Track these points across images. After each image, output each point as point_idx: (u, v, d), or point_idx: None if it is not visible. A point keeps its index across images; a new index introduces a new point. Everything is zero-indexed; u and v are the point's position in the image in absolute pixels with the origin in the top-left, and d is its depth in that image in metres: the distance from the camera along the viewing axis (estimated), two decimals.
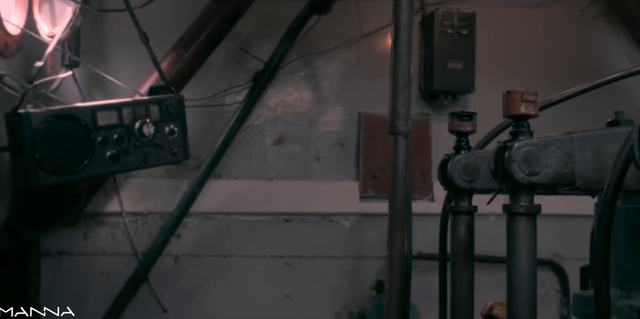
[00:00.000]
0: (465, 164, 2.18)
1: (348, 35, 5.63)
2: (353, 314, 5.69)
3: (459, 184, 2.20)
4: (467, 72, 5.54)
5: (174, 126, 4.40)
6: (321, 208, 5.80)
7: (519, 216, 1.83)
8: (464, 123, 2.23)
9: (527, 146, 1.77)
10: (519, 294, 1.82)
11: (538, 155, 1.76)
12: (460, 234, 2.27)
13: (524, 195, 1.82)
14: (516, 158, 1.76)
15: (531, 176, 1.76)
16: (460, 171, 2.19)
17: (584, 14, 5.92)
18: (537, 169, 1.76)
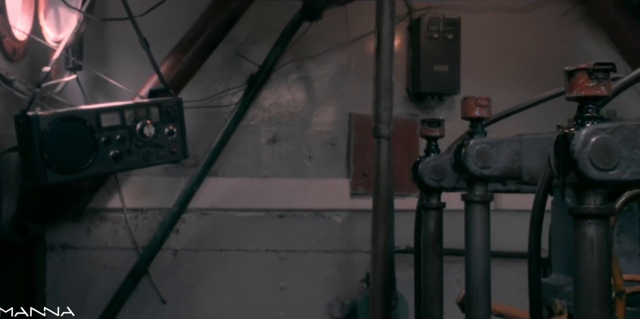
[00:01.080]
0: (434, 165, 2.43)
1: (338, 39, 5.81)
2: (344, 305, 5.85)
3: (428, 183, 2.45)
4: (452, 75, 5.72)
5: (173, 126, 4.56)
6: (314, 204, 5.94)
7: (474, 204, 2.10)
8: (433, 129, 2.48)
9: (480, 144, 2.03)
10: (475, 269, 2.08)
11: (490, 152, 2.02)
12: (430, 228, 2.51)
13: (478, 185, 2.09)
14: (471, 154, 2.02)
15: (483, 169, 2.02)
16: (430, 172, 2.44)
17: (565, 18, 6.10)
18: (489, 164, 2.02)
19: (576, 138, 1.40)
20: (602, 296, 1.45)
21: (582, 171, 1.39)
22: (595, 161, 1.39)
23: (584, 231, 1.45)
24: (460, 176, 2.08)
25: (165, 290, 5.78)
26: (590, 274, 1.44)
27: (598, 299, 1.42)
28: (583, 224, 1.45)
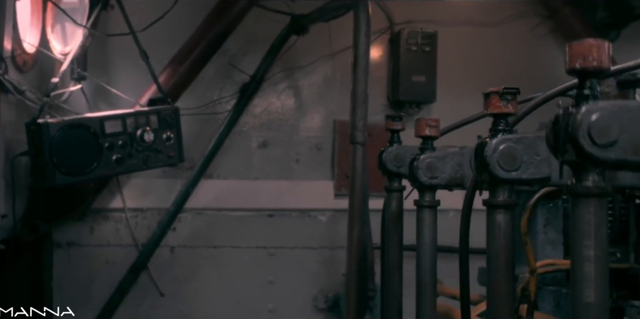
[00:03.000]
0: (395, 154, 2.88)
1: (323, 52, 6.03)
2: (328, 298, 6.05)
3: (391, 169, 2.88)
4: (429, 84, 5.98)
5: (170, 133, 4.88)
6: (300, 204, 6.12)
7: (424, 208, 2.52)
8: (396, 123, 2.88)
9: (429, 158, 2.45)
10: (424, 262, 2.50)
11: (437, 164, 2.44)
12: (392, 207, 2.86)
13: (427, 193, 2.51)
14: (421, 167, 2.43)
15: (432, 179, 2.44)
16: (392, 159, 2.88)
17: (534, 32, 6.33)
18: (436, 175, 2.44)
19: (488, 146, 1.81)
20: (507, 267, 1.84)
21: (492, 171, 1.80)
22: (502, 164, 1.79)
23: (494, 218, 1.85)
24: (413, 185, 2.49)
25: (163, 284, 5.92)
26: (498, 251, 1.83)
27: (504, 268, 1.82)
28: (494, 212, 1.85)
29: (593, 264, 1.35)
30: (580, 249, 1.37)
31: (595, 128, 1.35)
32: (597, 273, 1.35)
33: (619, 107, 1.37)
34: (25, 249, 5.14)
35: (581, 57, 1.42)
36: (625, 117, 1.36)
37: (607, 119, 1.35)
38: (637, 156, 1.35)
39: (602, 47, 1.40)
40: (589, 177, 1.38)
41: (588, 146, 1.34)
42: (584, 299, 1.36)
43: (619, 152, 1.34)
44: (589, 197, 1.37)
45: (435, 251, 2.49)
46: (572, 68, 1.42)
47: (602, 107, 1.37)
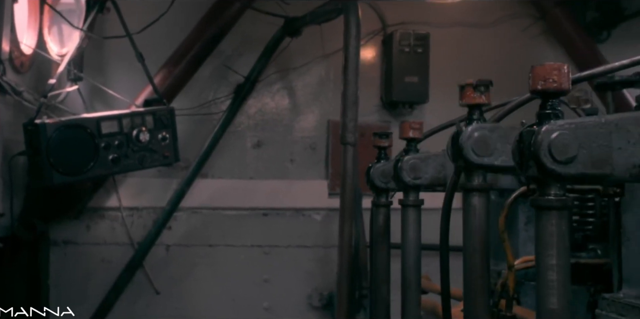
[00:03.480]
0: (382, 170, 2.92)
1: (317, 53, 6.11)
2: (322, 296, 6.11)
3: (378, 185, 2.92)
4: (422, 85, 6.05)
5: (166, 133, 4.96)
6: (295, 204, 6.19)
7: (408, 207, 2.60)
8: (383, 140, 2.96)
9: (413, 159, 2.52)
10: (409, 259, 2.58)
11: (420, 165, 2.51)
12: (379, 222, 2.96)
13: (411, 193, 2.58)
14: (405, 168, 2.51)
15: (415, 179, 2.52)
16: (379, 175, 2.92)
17: (526, 33, 6.41)
18: (420, 175, 2.51)
19: (464, 133, 1.90)
20: (482, 248, 1.94)
21: (466, 157, 1.88)
22: (476, 150, 1.88)
23: (469, 201, 1.95)
24: (397, 185, 2.57)
25: (158, 282, 5.97)
26: (474, 233, 1.93)
27: (479, 250, 1.91)
28: (469, 196, 1.96)
29: (556, 273, 1.43)
30: (544, 258, 1.45)
31: (556, 146, 1.44)
32: (560, 281, 1.44)
33: (577, 125, 1.46)
34: (23, 247, 5.19)
35: (542, 79, 1.50)
36: (582, 134, 1.45)
37: (566, 136, 1.44)
38: (596, 169, 1.44)
39: (562, 69, 1.50)
40: (551, 192, 1.46)
41: (549, 163, 1.43)
42: (548, 306, 1.45)
43: (578, 167, 1.43)
44: (551, 210, 1.45)
45: (419, 248, 2.57)
46: (534, 89, 1.51)
47: (561, 125, 1.46)
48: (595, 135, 1.45)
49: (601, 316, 2.05)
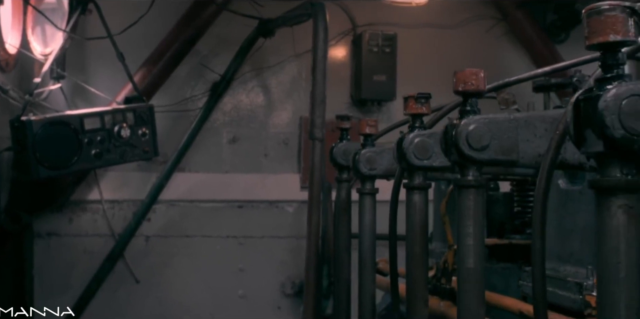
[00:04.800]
0: (344, 149, 3.17)
1: (290, 53, 6.30)
2: (295, 284, 6.29)
3: (340, 162, 3.17)
4: (389, 84, 6.29)
5: (145, 129, 5.11)
6: (269, 196, 6.34)
7: (365, 195, 2.89)
8: (344, 122, 3.24)
9: (369, 153, 2.81)
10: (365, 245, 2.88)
11: (376, 158, 2.81)
12: (342, 196, 3.21)
13: (367, 182, 2.88)
14: (362, 160, 2.80)
15: (371, 170, 2.81)
16: (341, 154, 3.19)
17: (490, 34, 6.65)
18: (375, 167, 2.81)
19: (406, 139, 2.20)
20: (422, 238, 2.23)
21: (408, 160, 2.18)
22: (416, 154, 2.17)
23: (411, 198, 2.24)
24: (355, 175, 2.87)
25: (138, 271, 6.10)
26: (415, 226, 2.22)
27: (419, 239, 2.21)
28: (411, 194, 2.24)
29: (472, 239, 1.74)
30: (463, 228, 1.76)
31: (472, 136, 1.74)
32: (475, 245, 1.75)
33: (490, 120, 1.76)
34: (9, 239, 5.35)
35: (463, 82, 1.81)
36: (494, 128, 1.75)
37: (480, 129, 1.74)
38: (505, 156, 1.75)
39: (479, 74, 1.81)
40: (469, 173, 1.77)
41: (467, 150, 1.74)
42: (466, 265, 1.76)
43: (490, 154, 1.74)
44: (469, 188, 1.76)
45: (374, 231, 2.87)
46: (457, 91, 1.82)
47: (477, 120, 1.76)
48: (505, 129, 1.76)
49: (522, 285, 2.37)
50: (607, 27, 1.23)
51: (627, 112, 1.18)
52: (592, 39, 1.25)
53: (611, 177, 1.21)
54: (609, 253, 1.20)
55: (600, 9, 1.24)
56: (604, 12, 1.23)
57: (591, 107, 1.20)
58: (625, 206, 1.19)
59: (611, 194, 1.20)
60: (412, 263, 2.19)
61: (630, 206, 1.19)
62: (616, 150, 1.19)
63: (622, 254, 1.20)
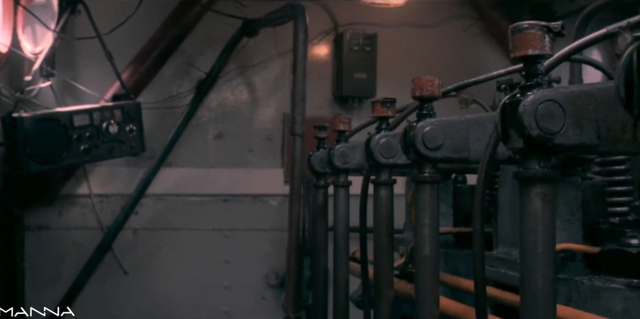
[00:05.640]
0: (321, 157, 3.37)
1: (273, 52, 6.47)
2: (279, 275, 6.40)
3: (317, 170, 3.36)
4: (370, 81, 6.49)
5: (133, 125, 5.27)
6: (253, 190, 6.47)
7: (339, 188, 3.10)
8: (321, 132, 3.45)
9: (343, 148, 3.02)
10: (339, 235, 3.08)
11: (349, 152, 3.01)
12: (319, 201, 3.42)
13: (341, 175, 3.09)
14: (336, 154, 3.00)
15: (344, 164, 3.01)
16: (318, 162, 3.38)
17: (468, 32, 6.84)
18: (348, 161, 3.01)
19: (373, 140, 2.40)
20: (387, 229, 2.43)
21: (375, 159, 2.38)
22: (382, 153, 2.37)
23: (378, 193, 2.43)
24: (330, 168, 3.07)
25: (126, 263, 6.22)
26: (381, 217, 2.42)
27: (385, 231, 2.42)
28: (378, 189, 2.44)
29: (428, 229, 1.96)
30: (420, 219, 1.97)
31: (427, 137, 1.95)
32: (430, 235, 1.96)
33: (443, 122, 1.98)
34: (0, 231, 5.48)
35: (420, 88, 2.04)
36: (447, 129, 1.97)
37: (435, 130, 1.96)
38: (457, 154, 1.96)
39: (434, 82, 2.04)
40: (425, 170, 1.98)
41: (423, 149, 1.96)
42: (422, 253, 1.97)
43: (444, 153, 1.96)
44: (425, 183, 1.97)
45: (348, 220, 3.07)
46: (414, 96, 2.05)
47: (432, 122, 1.98)
48: (457, 129, 1.97)
49: None
50: (527, 42, 1.43)
51: (542, 115, 1.39)
52: (516, 53, 1.45)
53: (530, 169, 1.42)
54: (528, 232, 1.41)
55: (522, 27, 1.44)
56: (525, 30, 1.43)
57: (513, 110, 1.41)
58: (541, 193, 1.40)
59: (530, 184, 1.42)
60: (379, 251, 2.40)
61: (545, 194, 1.40)
62: (533, 146, 1.40)
63: (539, 233, 1.40)
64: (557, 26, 1.49)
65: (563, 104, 1.42)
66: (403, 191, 3.43)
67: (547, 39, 1.42)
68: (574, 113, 1.42)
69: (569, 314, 1.96)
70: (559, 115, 1.41)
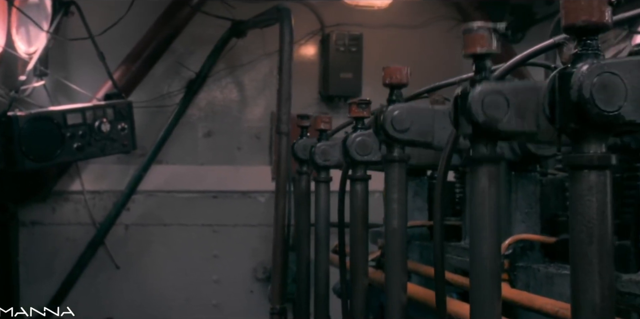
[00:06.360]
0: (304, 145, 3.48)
1: (261, 52, 6.58)
2: (266, 269, 6.52)
3: (300, 157, 3.50)
4: (355, 81, 6.63)
5: (124, 124, 5.40)
6: (242, 187, 6.61)
7: (320, 183, 3.28)
8: (304, 120, 3.60)
9: (323, 146, 3.20)
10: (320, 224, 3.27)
11: (329, 150, 3.19)
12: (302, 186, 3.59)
13: (322, 172, 3.27)
14: (317, 152, 3.18)
15: (325, 161, 3.19)
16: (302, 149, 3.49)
17: (450, 33, 6.87)
18: (329, 158, 3.19)
19: (349, 138, 2.58)
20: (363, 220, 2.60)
21: (351, 156, 2.55)
22: (358, 151, 2.54)
23: (354, 188, 2.60)
24: (312, 165, 3.25)
25: (118, 258, 6.37)
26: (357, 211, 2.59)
27: (360, 223, 2.59)
28: (354, 184, 2.60)
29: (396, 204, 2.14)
30: (390, 194, 2.16)
31: (396, 120, 2.14)
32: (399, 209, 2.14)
33: (411, 106, 2.18)
34: None
35: (389, 76, 2.24)
36: (415, 113, 2.16)
37: (403, 114, 2.15)
38: (422, 138, 2.15)
39: (403, 70, 2.25)
40: (395, 150, 2.17)
41: (391, 131, 2.14)
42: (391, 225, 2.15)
43: (410, 135, 2.15)
44: (393, 162, 2.16)
45: (328, 214, 3.25)
46: (384, 83, 2.24)
47: (401, 107, 2.17)
48: (423, 115, 2.17)
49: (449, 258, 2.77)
50: (476, 41, 1.62)
51: (488, 104, 1.58)
52: (467, 50, 1.64)
53: (478, 151, 1.61)
54: (477, 206, 1.61)
55: (471, 28, 1.63)
56: (474, 31, 1.62)
57: (464, 101, 1.60)
58: (487, 172, 1.60)
59: (479, 165, 1.61)
60: (355, 242, 2.58)
61: (491, 172, 1.60)
62: (481, 131, 1.58)
63: (486, 207, 1.59)
64: (502, 27, 1.68)
65: (508, 96, 1.61)
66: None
67: (494, 38, 1.61)
68: (517, 104, 1.60)
69: (524, 298, 2.15)
70: (504, 105, 1.60)
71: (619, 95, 1.30)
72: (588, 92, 1.29)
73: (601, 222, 1.29)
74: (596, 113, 1.29)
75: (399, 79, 2.19)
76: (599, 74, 1.31)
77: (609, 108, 1.30)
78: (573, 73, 1.31)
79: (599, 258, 1.28)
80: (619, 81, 1.31)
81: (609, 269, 1.28)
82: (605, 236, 1.28)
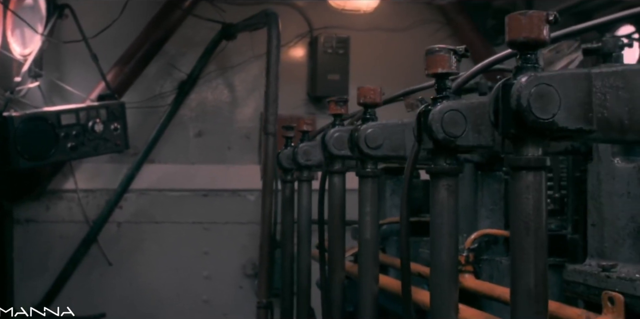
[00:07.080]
0: (287, 154, 3.69)
1: (251, 54, 6.71)
2: (255, 266, 6.53)
3: (285, 166, 3.66)
4: (342, 82, 6.80)
5: (117, 124, 5.55)
6: (232, 185, 6.75)
7: (302, 182, 3.45)
8: (289, 132, 3.78)
9: (306, 146, 3.35)
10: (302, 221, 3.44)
11: (311, 150, 3.34)
12: (286, 194, 3.77)
13: (304, 171, 3.43)
14: (300, 152, 3.33)
15: (307, 161, 3.35)
16: (286, 159, 3.67)
17: (435, 36, 7.10)
18: (310, 158, 3.34)
19: (328, 134, 2.68)
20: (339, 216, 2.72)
21: (329, 151, 2.66)
22: (336, 146, 2.63)
23: (332, 182, 2.73)
24: (294, 165, 3.41)
25: (111, 255, 6.47)
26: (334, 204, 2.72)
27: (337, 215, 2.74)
28: (332, 178, 2.73)
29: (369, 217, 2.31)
30: (362, 208, 2.32)
31: (369, 138, 2.27)
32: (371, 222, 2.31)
33: (384, 125, 2.30)
34: None
35: (363, 96, 2.38)
36: (387, 131, 2.29)
37: (376, 132, 2.28)
38: (394, 152, 2.29)
39: (377, 90, 2.37)
40: (368, 166, 2.33)
41: (365, 149, 2.27)
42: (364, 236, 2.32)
43: (384, 151, 2.29)
44: (367, 177, 2.32)
45: (310, 211, 3.42)
46: (359, 102, 2.38)
47: (374, 125, 2.30)
48: (395, 131, 2.31)
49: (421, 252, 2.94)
50: (437, 62, 1.78)
51: (447, 122, 1.73)
52: (429, 70, 1.80)
53: (438, 165, 1.77)
54: (436, 216, 1.75)
55: (434, 50, 1.79)
56: (436, 52, 1.79)
57: (425, 118, 1.76)
58: (446, 185, 1.76)
59: (439, 177, 1.77)
60: (332, 236, 2.75)
61: (449, 185, 1.76)
62: (440, 147, 1.74)
63: (445, 217, 1.74)
64: (461, 49, 1.84)
65: (465, 113, 1.76)
66: None
67: (454, 60, 1.78)
68: (473, 120, 1.76)
69: (485, 288, 2.32)
70: (461, 122, 1.75)
71: (553, 104, 1.46)
72: (526, 101, 1.44)
73: (536, 217, 1.44)
74: (532, 120, 1.44)
75: (373, 99, 2.33)
76: (536, 84, 1.46)
77: (544, 116, 1.45)
78: (513, 84, 1.47)
79: (534, 248, 1.44)
80: (553, 91, 1.47)
81: (542, 259, 1.44)
82: (540, 229, 1.44)
